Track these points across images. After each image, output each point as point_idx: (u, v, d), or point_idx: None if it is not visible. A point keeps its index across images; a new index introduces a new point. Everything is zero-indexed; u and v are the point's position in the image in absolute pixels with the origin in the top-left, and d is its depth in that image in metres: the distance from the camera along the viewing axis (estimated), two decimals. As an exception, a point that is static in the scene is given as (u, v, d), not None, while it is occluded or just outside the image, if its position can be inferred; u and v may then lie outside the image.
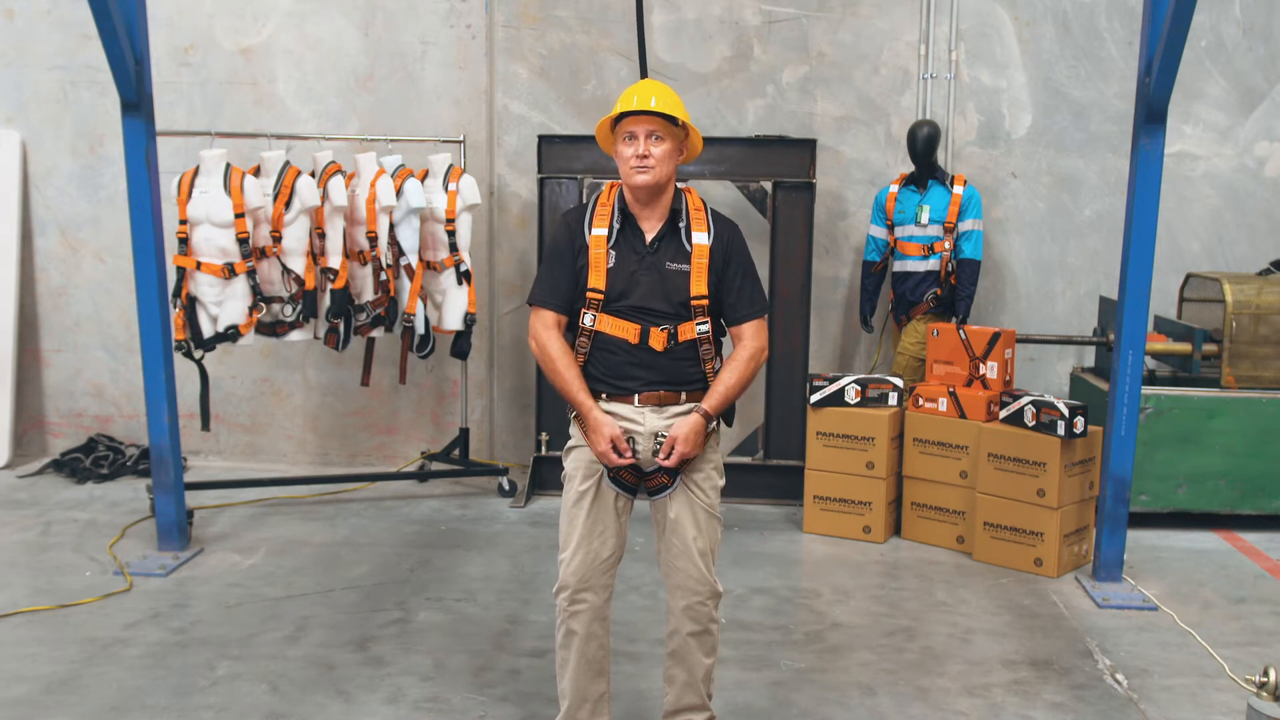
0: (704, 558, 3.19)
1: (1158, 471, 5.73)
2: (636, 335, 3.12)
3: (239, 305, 5.55)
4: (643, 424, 3.16)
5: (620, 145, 3.16)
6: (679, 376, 3.17)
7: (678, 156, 3.19)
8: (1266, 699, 3.32)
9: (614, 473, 3.17)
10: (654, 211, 3.19)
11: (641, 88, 3.17)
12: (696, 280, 3.14)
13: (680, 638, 3.24)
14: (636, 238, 3.18)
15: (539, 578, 4.99)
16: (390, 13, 6.64)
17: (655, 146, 3.10)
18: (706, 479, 3.21)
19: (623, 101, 3.15)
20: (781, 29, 6.62)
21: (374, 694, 3.84)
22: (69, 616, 4.45)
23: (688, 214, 3.20)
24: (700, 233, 3.17)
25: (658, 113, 3.10)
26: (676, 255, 3.16)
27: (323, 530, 5.65)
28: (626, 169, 3.13)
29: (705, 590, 3.20)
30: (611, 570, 3.26)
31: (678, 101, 3.17)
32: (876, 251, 6.34)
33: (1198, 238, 6.73)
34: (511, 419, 6.89)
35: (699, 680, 3.27)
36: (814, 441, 5.72)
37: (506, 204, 6.74)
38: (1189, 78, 6.42)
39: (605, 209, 3.21)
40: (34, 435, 7.02)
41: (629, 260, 3.15)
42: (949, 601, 4.83)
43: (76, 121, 6.77)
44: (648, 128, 3.10)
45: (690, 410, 3.16)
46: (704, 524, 3.20)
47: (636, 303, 3.13)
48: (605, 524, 3.21)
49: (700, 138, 3.27)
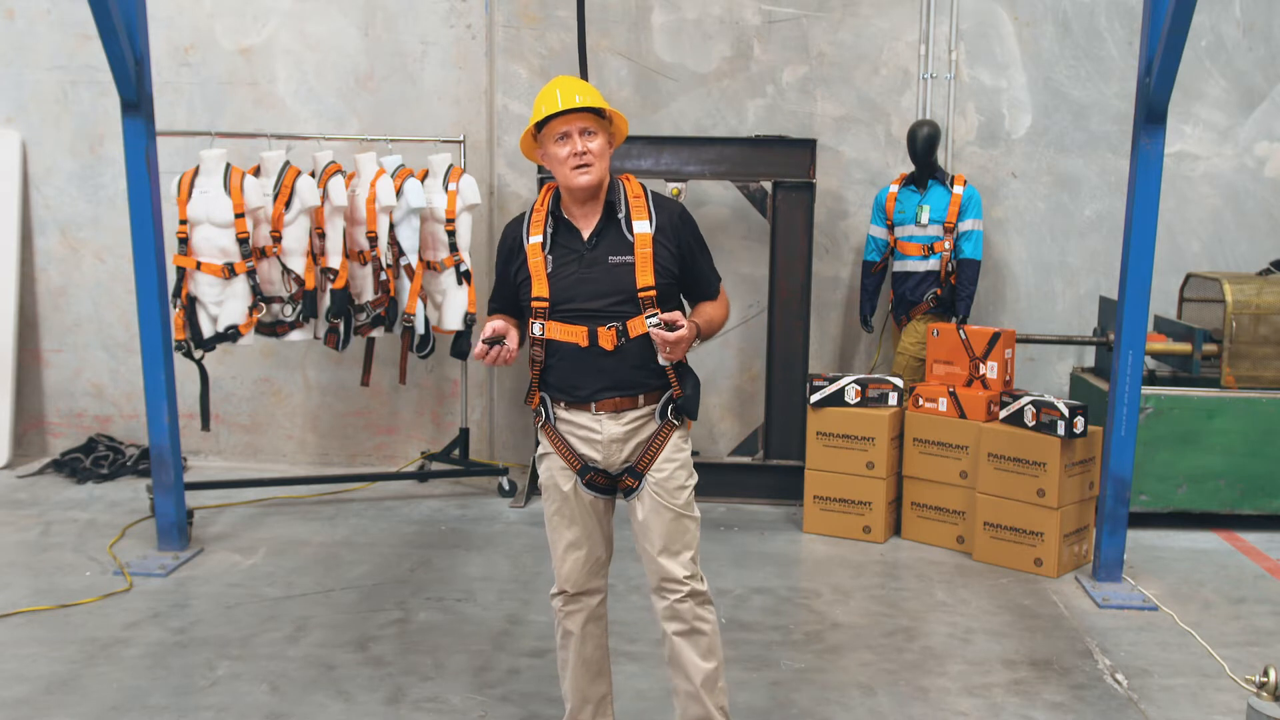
0: (674, 557, 3.09)
1: (1158, 471, 5.73)
2: (585, 337, 3.02)
3: (239, 305, 5.55)
4: (600, 432, 3.07)
5: (551, 148, 3.04)
6: (633, 379, 3.05)
7: (609, 148, 3.09)
8: (1266, 699, 3.32)
9: (585, 477, 3.12)
10: (590, 208, 3.09)
11: (561, 84, 3.05)
12: (642, 271, 3.01)
13: (670, 641, 3.14)
14: (573, 237, 3.08)
15: (539, 578, 4.99)
16: (390, 13, 6.64)
17: (590, 142, 3.00)
18: (670, 479, 3.10)
19: (545, 103, 3.02)
20: (781, 29, 6.62)
21: (374, 694, 3.84)
22: (69, 616, 4.45)
23: (626, 203, 3.08)
24: (641, 221, 3.05)
25: (586, 108, 3.00)
26: (617, 247, 3.04)
27: (322, 530, 5.65)
28: (566, 171, 3.01)
29: (681, 588, 3.08)
30: (602, 572, 3.23)
31: (597, 93, 3.08)
32: (876, 251, 6.34)
33: (1198, 238, 6.73)
34: (511, 419, 6.89)
35: (700, 688, 3.11)
36: (814, 441, 5.72)
37: (506, 204, 6.74)
38: (1189, 78, 6.42)
39: (540, 214, 3.12)
40: (34, 435, 7.02)
41: (568, 262, 3.06)
42: (949, 601, 4.83)
43: (76, 121, 6.77)
44: (580, 125, 3.00)
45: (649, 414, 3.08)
46: (670, 525, 3.09)
47: (581, 304, 3.02)
48: (587, 527, 3.17)
49: (625, 122, 3.15)
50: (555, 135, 3.02)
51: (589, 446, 3.10)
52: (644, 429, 3.09)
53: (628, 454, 3.10)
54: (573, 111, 3.00)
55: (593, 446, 3.09)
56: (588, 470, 3.12)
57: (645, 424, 3.09)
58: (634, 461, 3.10)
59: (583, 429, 3.10)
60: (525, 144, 3.17)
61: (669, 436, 3.11)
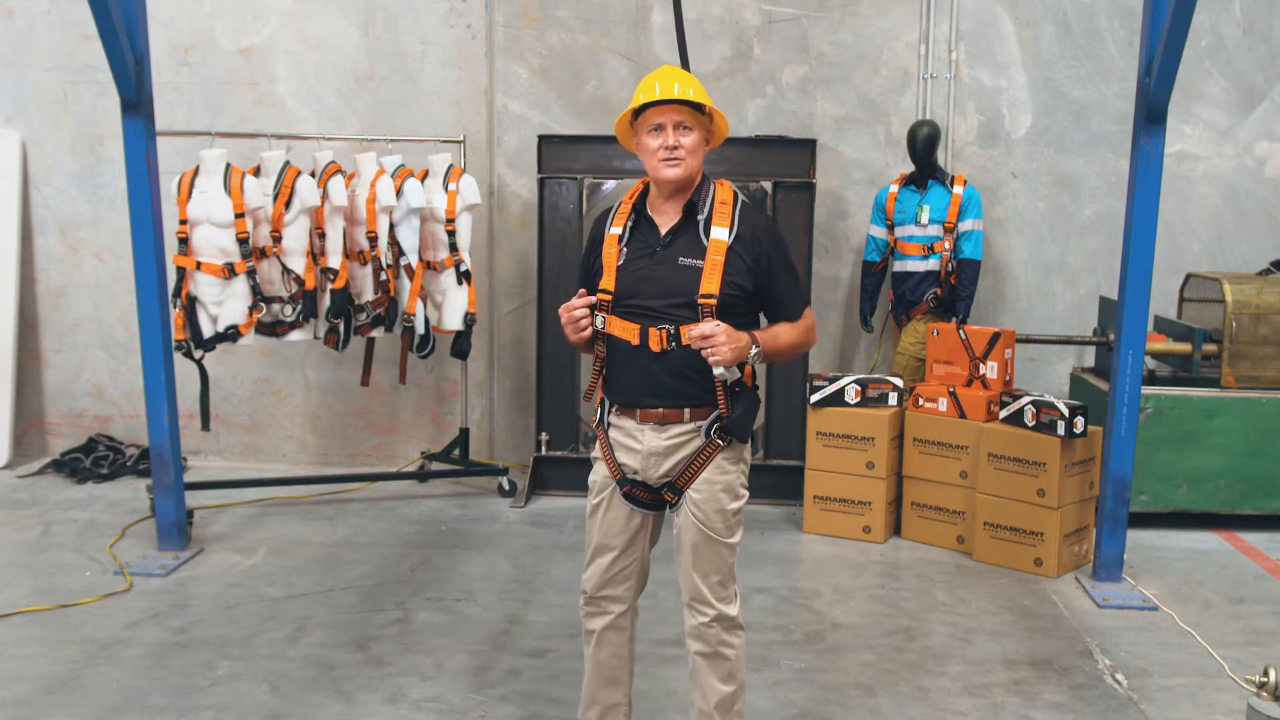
0: (704, 578, 3.01)
1: (1158, 471, 5.73)
2: (637, 336, 2.92)
3: (239, 305, 5.54)
4: (641, 444, 3.00)
5: (644, 138, 2.95)
6: (679, 389, 2.94)
7: (705, 147, 3.00)
8: (1266, 699, 3.32)
9: (625, 489, 3.05)
10: (674, 205, 3.00)
11: (663, 75, 2.96)
12: (708, 278, 2.88)
13: (691, 658, 3.11)
14: (652, 233, 3.00)
15: (539, 578, 4.99)
16: (390, 13, 6.64)
17: (684, 137, 2.92)
18: (709, 500, 2.99)
19: (645, 90, 2.93)
20: (781, 29, 6.62)
21: (374, 694, 3.84)
22: (69, 616, 4.45)
23: (711, 206, 2.98)
24: (721, 228, 2.93)
25: (684, 100, 2.91)
26: (691, 250, 2.93)
27: (322, 530, 5.65)
28: (654, 162, 2.93)
29: (710, 611, 3.02)
30: (629, 583, 3.14)
31: (702, 88, 2.98)
32: (876, 251, 6.34)
33: (1198, 238, 6.73)
34: (511, 419, 6.88)
35: (714, 709, 3.07)
36: (814, 441, 5.72)
37: (506, 204, 6.74)
38: (1189, 78, 6.42)
39: (626, 206, 3.07)
40: (34, 435, 7.02)
41: (640, 257, 2.97)
42: (949, 601, 4.83)
43: (76, 121, 6.77)
44: (675, 118, 2.91)
45: (694, 430, 2.97)
46: (702, 547, 3.00)
47: (643, 301, 2.93)
48: (619, 537, 3.10)
49: (726, 123, 3.07)
50: (650, 125, 2.94)
51: (629, 455, 3.03)
52: (687, 445, 2.99)
53: (668, 469, 3.00)
54: (670, 103, 2.90)
55: (633, 456, 3.02)
56: (626, 482, 3.05)
57: (689, 440, 2.99)
58: (674, 477, 3.01)
59: (627, 437, 3.03)
60: (621, 129, 3.08)
61: (712, 456, 2.99)
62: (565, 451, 6.32)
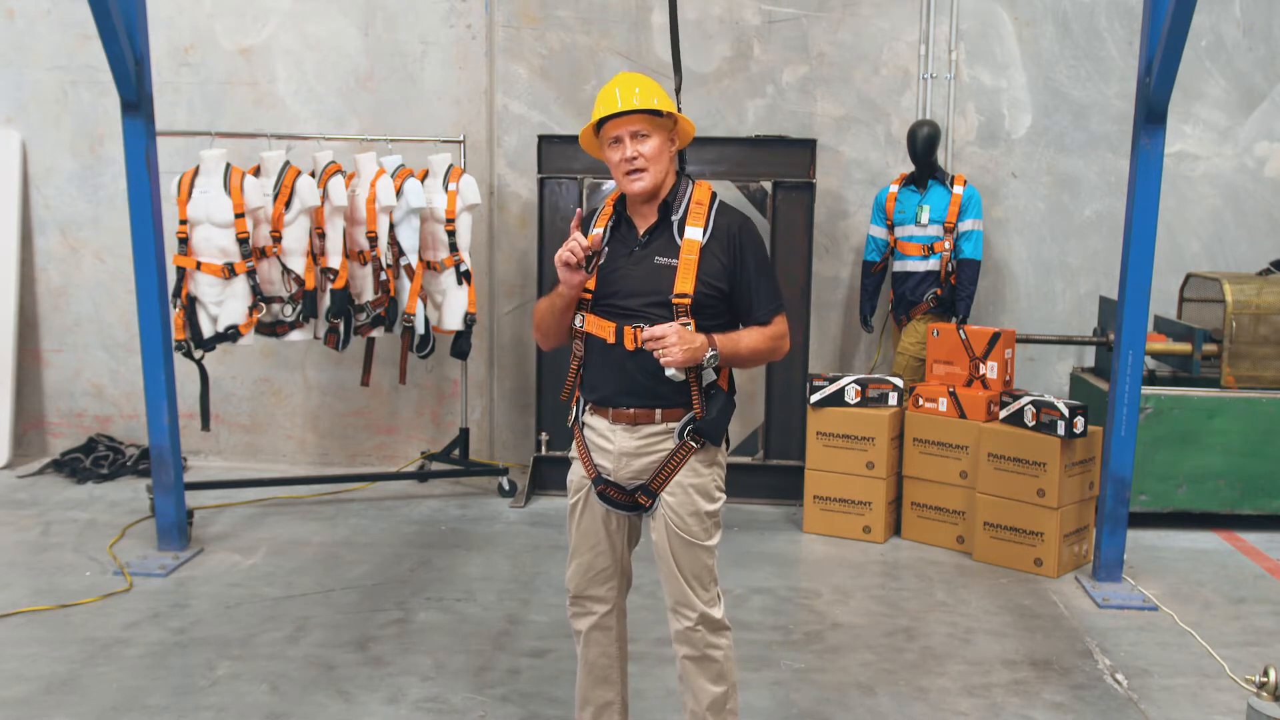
0: (686, 583, 3.00)
1: (1158, 471, 5.73)
2: (612, 334, 2.92)
3: (239, 305, 5.54)
4: (613, 444, 2.99)
5: (607, 151, 2.97)
6: (652, 389, 2.92)
7: (670, 148, 2.98)
8: (1266, 699, 3.31)
9: (600, 488, 3.05)
10: (650, 208, 3.02)
11: (619, 83, 2.94)
12: (683, 277, 2.88)
13: (680, 661, 3.10)
14: (631, 233, 3.02)
15: (539, 578, 4.99)
16: (390, 13, 6.64)
17: (642, 145, 2.90)
18: (683, 504, 2.98)
19: (601, 103, 2.92)
20: (781, 29, 6.62)
21: (374, 694, 3.84)
22: (69, 616, 4.45)
23: (686, 206, 2.98)
24: (695, 227, 2.94)
25: (638, 110, 2.89)
26: (667, 249, 2.94)
27: (322, 530, 5.65)
28: (619, 176, 2.94)
29: (693, 615, 3.00)
30: (610, 583, 3.14)
31: (658, 89, 2.95)
32: (876, 251, 6.34)
33: (1198, 238, 6.73)
34: (511, 419, 6.88)
35: (706, 710, 3.06)
36: (814, 441, 5.72)
37: (506, 204, 6.74)
38: (1189, 78, 6.42)
39: (608, 207, 3.09)
40: (34, 435, 7.02)
41: (619, 256, 2.99)
42: (949, 601, 4.83)
43: (76, 121, 6.77)
44: (631, 128, 2.90)
45: (666, 432, 2.96)
46: (681, 551, 2.99)
47: (619, 300, 2.94)
48: (596, 536, 3.11)
49: (690, 122, 3.04)
50: (609, 138, 2.95)
51: (603, 455, 3.03)
52: (658, 446, 2.98)
53: (639, 470, 2.99)
54: (624, 114, 2.90)
55: (605, 456, 3.02)
56: (601, 481, 3.05)
57: (661, 441, 2.98)
58: (647, 480, 3.00)
59: (600, 436, 3.02)
60: (588, 143, 3.09)
61: (686, 458, 2.97)
62: (565, 451, 6.32)
